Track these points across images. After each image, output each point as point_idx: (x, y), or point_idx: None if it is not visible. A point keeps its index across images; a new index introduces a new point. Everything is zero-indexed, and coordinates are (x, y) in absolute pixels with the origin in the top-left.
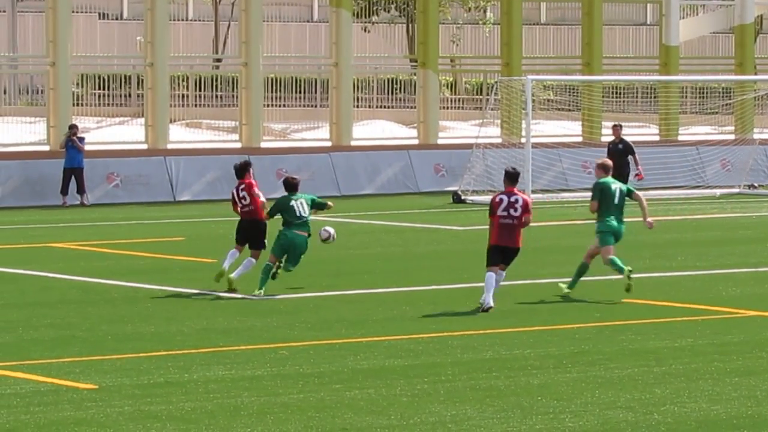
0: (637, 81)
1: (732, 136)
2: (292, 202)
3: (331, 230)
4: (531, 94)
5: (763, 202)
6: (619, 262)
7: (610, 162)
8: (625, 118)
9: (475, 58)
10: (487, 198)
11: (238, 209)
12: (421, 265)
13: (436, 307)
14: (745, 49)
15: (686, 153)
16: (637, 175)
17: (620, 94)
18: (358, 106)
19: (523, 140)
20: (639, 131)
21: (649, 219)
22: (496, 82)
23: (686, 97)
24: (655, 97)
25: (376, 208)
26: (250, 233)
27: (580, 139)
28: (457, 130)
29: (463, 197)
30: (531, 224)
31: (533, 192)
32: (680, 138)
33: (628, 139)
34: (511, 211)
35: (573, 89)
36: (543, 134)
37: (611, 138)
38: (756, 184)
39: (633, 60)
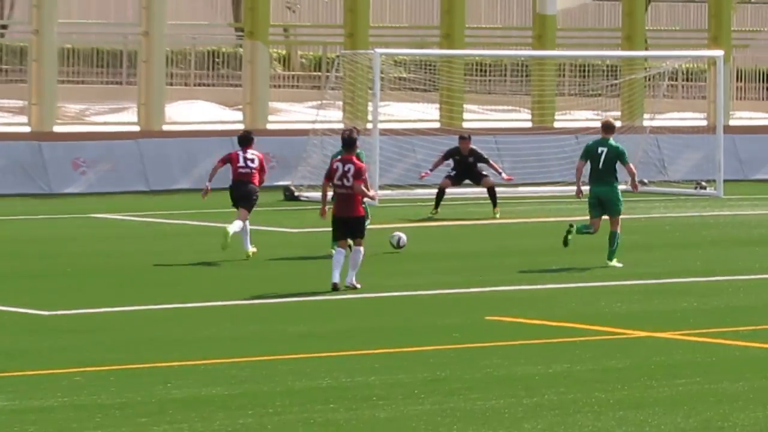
0: (506, 56)
1: (618, 123)
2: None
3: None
4: (380, 71)
5: (655, 202)
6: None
7: (610, 120)
8: (492, 101)
9: (314, 28)
10: None
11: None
12: (246, 275)
13: (263, 325)
14: (635, 20)
15: (564, 143)
16: (507, 178)
17: (486, 72)
18: (172, 84)
19: (369, 126)
20: (508, 116)
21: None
22: (337, 56)
23: (564, 76)
24: (527, 76)
25: (193, 206)
26: None
27: (437, 125)
28: (290, 114)
29: (296, 193)
30: (383, 226)
31: (380, 188)
32: (557, 125)
33: (492, 125)
34: (345, 180)
35: (430, 66)
36: (394, 119)
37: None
38: (646, 181)
39: (501, 32)
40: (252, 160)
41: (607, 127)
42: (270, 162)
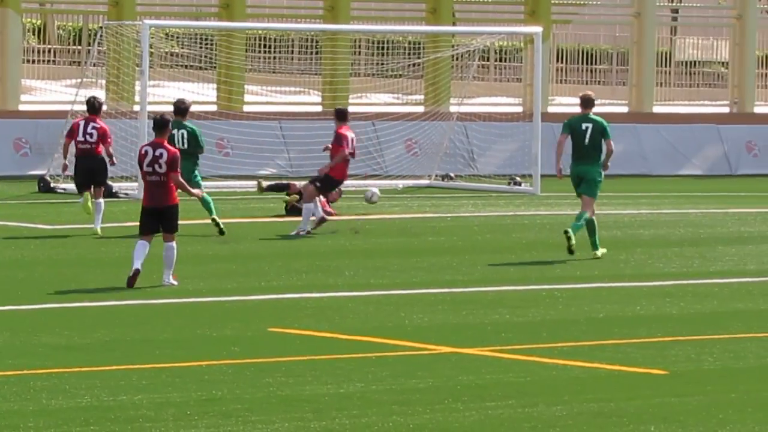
0: (293, 30)
1: (421, 109)
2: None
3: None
4: (149, 46)
5: (462, 199)
6: (577, 224)
7: (589, 94)
8: (277, 81)
9: None
10: None
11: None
12: None
13: (15, 335)
14: None
15: (358, 129)
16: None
17: (270, 48)
18: None
19: (137, 108)
20: (295, 99)
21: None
22: (100, 27)
23: (360, 54)
24: (317, 53)
25: None
26: None
27: (214, 108)
28: (46, 93)
29: (52, 185)
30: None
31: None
32: (351, 109)
33: (276, 109)
34: (156, 167)
35: (207, 40)
36: (164, 100)
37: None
38: (452, 175)
39: (288, 2)
40: (91, 134)
41: (588, 101)
42: (23, 149)
